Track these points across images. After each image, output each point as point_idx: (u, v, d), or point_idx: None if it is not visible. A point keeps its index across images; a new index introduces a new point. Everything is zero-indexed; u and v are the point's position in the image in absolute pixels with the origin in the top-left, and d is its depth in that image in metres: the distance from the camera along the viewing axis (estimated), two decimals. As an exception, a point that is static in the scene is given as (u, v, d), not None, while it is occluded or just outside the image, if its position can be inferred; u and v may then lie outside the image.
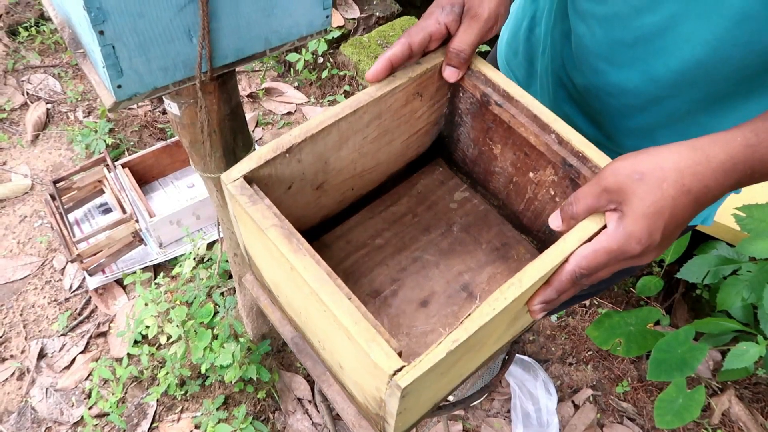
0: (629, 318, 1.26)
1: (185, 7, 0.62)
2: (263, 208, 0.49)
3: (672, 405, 1.20)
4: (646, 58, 0.61)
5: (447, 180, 0.76)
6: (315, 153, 0.56)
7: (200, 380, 1.41)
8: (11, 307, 1.53)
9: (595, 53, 0.66)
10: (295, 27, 0.73)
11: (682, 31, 0.57)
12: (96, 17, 0.56)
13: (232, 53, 0.70)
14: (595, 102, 0.72)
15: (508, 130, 0.61)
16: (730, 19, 0.53)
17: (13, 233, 1.65)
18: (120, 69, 0.62)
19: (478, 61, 0.61)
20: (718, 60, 0.57)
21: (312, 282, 0.46)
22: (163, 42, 0.63)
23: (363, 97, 0.56)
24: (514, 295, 0.46)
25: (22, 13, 2.12)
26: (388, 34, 2.07)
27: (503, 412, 1.49)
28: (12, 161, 1.79)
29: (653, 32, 0.59)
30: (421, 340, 0.63)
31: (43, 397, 1.40)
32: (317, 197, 0.63)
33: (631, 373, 1.57)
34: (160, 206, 1.69)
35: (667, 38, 0.58)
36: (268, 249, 0.50)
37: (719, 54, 0.56)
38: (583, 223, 0.50)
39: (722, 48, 0.56)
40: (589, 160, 0.55)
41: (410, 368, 0.43)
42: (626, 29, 0.61)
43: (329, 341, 0.53)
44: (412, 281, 0.67)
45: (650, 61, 0.61)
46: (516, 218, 0.70)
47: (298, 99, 2.06)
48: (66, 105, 1.94)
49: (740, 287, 1.24)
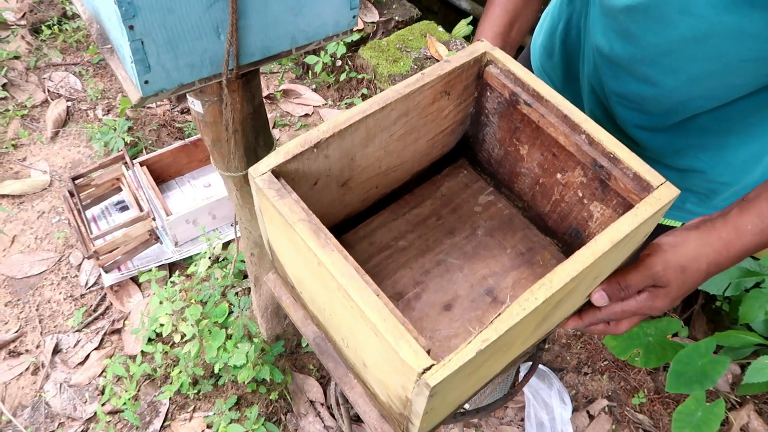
0: (648, 328, 1.24)
1: (215, 3, 0.62)
2: (291, 203, 0.49)
3: (690, 418, 1.17)
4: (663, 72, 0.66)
5: (472, 183, 0.75)
6: (342, 149, 0.56)
7: (213, 380, 1.40)
8: (27, 302, 1.54)
9: (616, 64, 0.70)
10: (322, 26, 0.72)
11: (689, 52, 0.62)
12: (126, 12, 0.57)
13: (259, 51, 0.70)
14: (617, 109, 0.74)
15: (536, 130, 0.60)
16: (728, 36, 0.58)
17: (31, 229, 1.66)
18: (148, 64, 0.62)
19: (507, 60, 0.60)
20: (724, 73, 0.61)
21: (340, 277, 0.45)
22: (192, 38, 0.63)
23: (391, 94, 0.56)
24: (544, 295, 0.45)
25: (46, 11, 2.15)
26: (407, 38, 2.07)
27: (517, 421, 1.47)
28: (32, 157, 1.81)
29: (663, 51, 0.63)
30: (445, 344, 0.62)
31: (57, 392, 1.41)
32: (342, 194, 0.62)
33: (647, 385, 1.55)
34: (177, 205, 1.70)
35: (672, 57, 0.63)
36: (295, 244, 0.50)
37: (724, 68, 0.61)
38: (613, 225, 0.49)
39: (727, 62, 0.60)
40: (621, 161, 0.54)
41: (439, 367, 0.42)
42: (638, 46, 0.65)
43: (354, 338, 0.52)
44: (436, 284, 0.66)
45: (663, 76, 0.66)
46: (541, 220, 0.69)
47: (315, 101, 2.07)
48: (86, 103, 1.96)
49: (763, 300, 1.22)
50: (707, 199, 0.79)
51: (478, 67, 0.62)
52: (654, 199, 0.51)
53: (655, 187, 0.52)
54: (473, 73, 0.62)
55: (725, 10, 0.55)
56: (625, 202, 0.55)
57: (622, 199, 0.56)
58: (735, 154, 0.73)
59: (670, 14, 0.60)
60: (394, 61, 1.99)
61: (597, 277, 0.56)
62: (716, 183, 0.77)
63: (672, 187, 0.52)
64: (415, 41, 2.06)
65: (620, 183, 0.54)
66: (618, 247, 0.51)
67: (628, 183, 0.54)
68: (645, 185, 0.53)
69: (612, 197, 0.57)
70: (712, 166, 0.75)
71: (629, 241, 0.53)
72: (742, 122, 0.69)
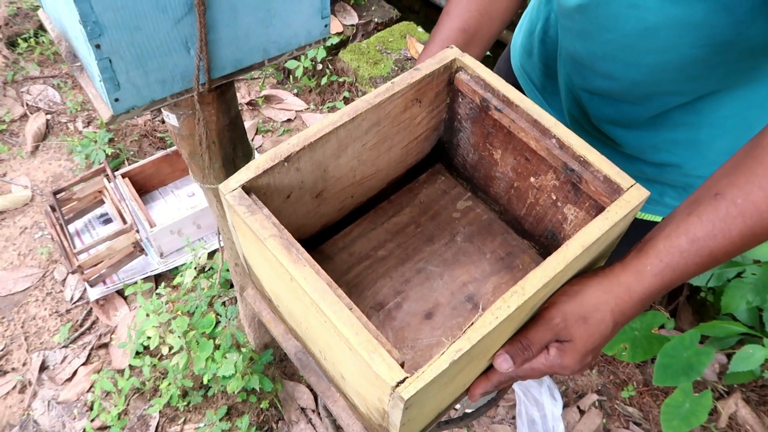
0: (634, 323, 1.25)
1: (182, 19, 0.61)
2: (262, 218, 0.49)
3: (679, 410, 1.19)
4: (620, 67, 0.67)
5: (450, 189, 0.75)
6: (314, 161, 0.56)
7: (203, 391, 1.40)
8: (12, 320, 1.52)
9: (579, 62, 0.71)
10: (293, 37, 0.72)
11: (643, 45, 0.62)
12: (92, 31, 0.56)
13: (231, 64, 0.70)
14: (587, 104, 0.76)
15: (508, 135, 0.61)
16: (675, 27, 0.58)
17: (13, 245, 1.65)
18: (117, 82, 0.62)
19: (476, 66, 0.60)
20: (680, 63, 0.62)
21: (312, 292, 0.45)
22: (161, 54, 0.63)
23: (361, 104, 0.56)
24: (516, 303, 0.46)
25: (21, 24, 2.13)
26: (387, 40, 2.07)
27: (508, 419, 1.48)
28: (12, 172, 1.79)
29: (619, 46, 0.64)
30: (426, 353, 0.62)
31: (45, 409, 1.39)
32: (317, 205, 0.62)
33: (636, 377, 1.56)
34: (161, 216, 1.69)
35: (628, 51, 0.64)
36: (268, 259, 0.50)
37: (679, 58, 0.61)
38: (585, 229, 0.50)
39: (681, 51, 0.61)
40: (591, 164, 0.54)
41: (413, 379, 0.42)
42: (595, 44, 0.66)
43: (331, 352, 0.52)
44: (416, 293, 0.67)
45: (623, 70, 0.67)
46: (518, 224, 0.70)
47: (297, 106, 2.06)
48: (65, 115, 1.94)
49: (745, 290, 1.23)
50: (685, 192, 0.80)
51: (449, 74, 0.62)
52: (624, 201, 0.52)
53: (625, 189, 0.52)
54: (444, 79, 0.62)
55: (669, 1, 0.57)
56: (597, 205, 0.56)
57: (594, 202, 0.56)
58: (709, 147, 0.74)
59: (620, 9, 0.61)
60: (375, 63, 1.99)
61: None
62: (692, 176, 0.78)
63: (642, 189, 0.52)
64: (395, 42, 2.06)
65: (591, 186, 0.55)
66: (590, 250, 0.51)
67: (599, 186, 0.54)
68: (615, 188, 0.53)
69: (584, 200, 0.57)
70: (687, 160, 0.76)
71: (602, 243, 0.53)
72: (714, 115, 0.70)
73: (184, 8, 0.61)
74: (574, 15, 0.67)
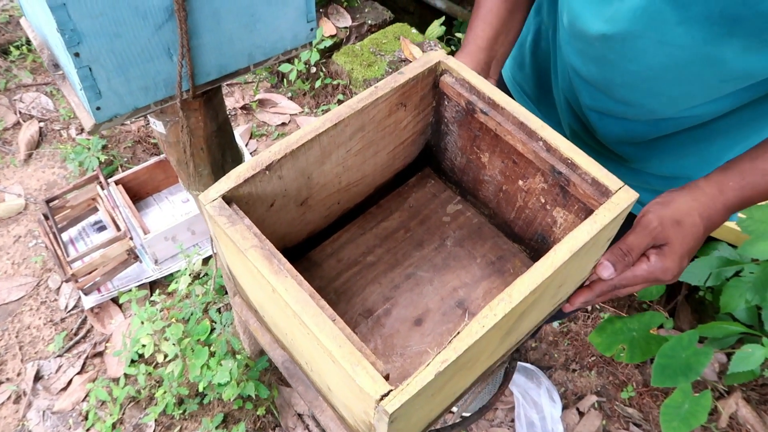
0: (632, 323, 1.24)
1: (163, 25, 0.60)
2: (243, 229, 0.48)
3: (678, 411, 1.17)
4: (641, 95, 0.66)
5: (439, 193, 0.74)
6: (297, 169, 0.55)
7: (198, 398, 1.39)
8: (6, 329, 1.51)
9: (592, 85, 0.69)
10: (279, 41, 0.71)
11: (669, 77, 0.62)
12: (70, 39, 0.55)
13: (215, 70, 0.69)
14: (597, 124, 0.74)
15: (495, 137, 0.60)
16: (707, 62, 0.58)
17: (7, 254, 1.64)
18: (98, 90, 0.61)
19: (461, 69, 0.59)
20: (705, 93, 0.62)
21: (293, 304, 0.44)
22: (142, 61, 0.62)
23: (344, 109, 0.55)
24: (504, 311, 0.45)
25: (13, 31, 2.12)
26: (380, 42, 2.06)
27: (507, 422, 1.47)
28: (5, 181, 1.78)
29: (643, 78, 0.63)
30: (416, 360, 0.61)
31: (40, 420, 1.38)
32: (302, 213, 0.61)
33: (635, 378, 1.55)
34: (155, 222, 1.68)
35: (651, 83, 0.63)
36: (250, 270, 0.49)
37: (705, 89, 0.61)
38: (573, 233, 0.49)
39: (708, 83, 0.60)
40: (579, 167, 0.53)
41: (397, 392, 0.41)
42: (615, 72, 0.65)
43: (316, 363, 0.51)
44: (406, 299, 0.66)
45: (643, 98, 0.66)
46: (508, 227, 0.69)
47: (291, 109, 2.05)
48: (59, 123, 1.93)
49: (743, 289, 1.22)
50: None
51: (434, 77, 0.61)
52: (612, 204, 0.51)
53: (613, 191, 0.51)
54: (429, 83, 0.61)
55: (704, 41, 0.55)
56: (585, 208, 0.55)
57: (583, 205, 0.55)
58: (719, 157, 0.72)
59: (648, 44, 0.59)
60: (369, 66, 1.98)
61: (561, 285, 0.55)
62: None
63: (630, 191, 0.51)
64: (389, 44, 2.06)
65: (579, 189, 0.54)
66: (579, 255, 0.50)
67: (587, 188, 0.53)
68: (604, 190, 0.52)
69: (573, 203, 0.56)
70: (697, 171, 0.75)
71: (591, 247, 0.52)
72: (727, 128, 0.69)
73: (165, 14, 0.60)
74: (594, 42, 0.64)
